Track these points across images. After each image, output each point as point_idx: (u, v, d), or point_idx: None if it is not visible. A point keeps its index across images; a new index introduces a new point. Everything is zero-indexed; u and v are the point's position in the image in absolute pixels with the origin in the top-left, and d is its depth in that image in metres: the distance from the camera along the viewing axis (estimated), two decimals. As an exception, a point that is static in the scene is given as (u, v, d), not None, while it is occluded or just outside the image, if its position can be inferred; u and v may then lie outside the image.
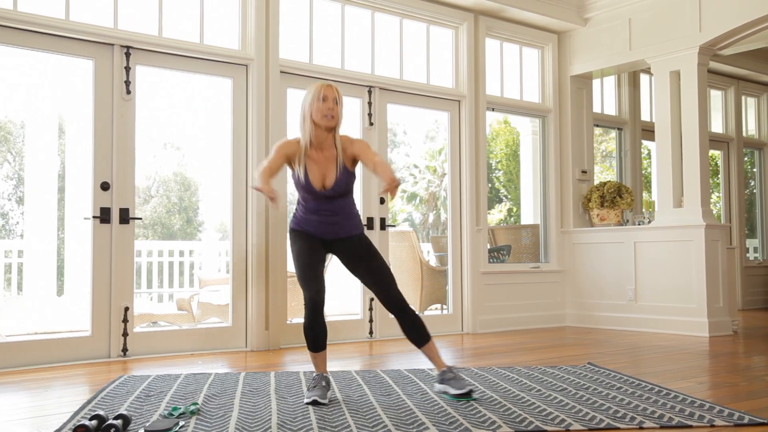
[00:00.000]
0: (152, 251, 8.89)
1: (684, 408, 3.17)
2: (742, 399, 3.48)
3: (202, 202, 19.33)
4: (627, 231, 7.04)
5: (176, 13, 5.42)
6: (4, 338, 5.86)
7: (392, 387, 3.79)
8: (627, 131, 8.33)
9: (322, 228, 3.55)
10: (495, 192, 22.16)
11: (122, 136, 5.07)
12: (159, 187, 20.76)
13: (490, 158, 22.58)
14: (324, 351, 3.55)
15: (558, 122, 7.54)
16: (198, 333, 5.53)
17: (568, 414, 3.08)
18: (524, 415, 3.06)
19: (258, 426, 2.89)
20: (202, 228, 18.60)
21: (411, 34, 6.67)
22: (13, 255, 7.98)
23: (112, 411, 3.19)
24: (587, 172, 7.57)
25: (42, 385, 4.03)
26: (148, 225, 18.95)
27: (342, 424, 2.92)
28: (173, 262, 9.01)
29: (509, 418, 3.01)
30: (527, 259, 7.71)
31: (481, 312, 6.80)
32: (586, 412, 3.10)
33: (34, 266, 7.60)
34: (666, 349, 5.48)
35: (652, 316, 6.75)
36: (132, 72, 5.12)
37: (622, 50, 7.11)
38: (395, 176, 3.22)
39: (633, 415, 3.04)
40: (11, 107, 14.66)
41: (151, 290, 8.73)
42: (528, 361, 4.88)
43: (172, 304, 7.38)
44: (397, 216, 22.20)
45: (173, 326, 6.57)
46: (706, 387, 3.85)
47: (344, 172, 3.51)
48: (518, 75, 7.45)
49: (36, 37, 4.80)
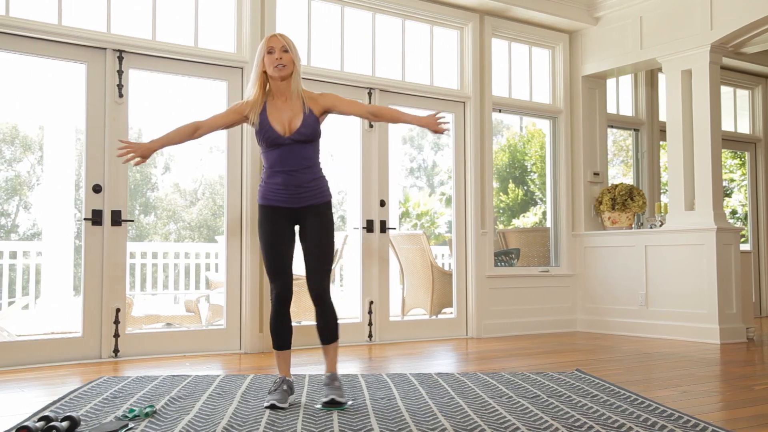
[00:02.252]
0: (168, 253, 8.98)
1: (649, 417, 3.05)
2: (719, 409, 3.35)
3: None
4: (638, 234, 6.87)
5: (170, 17, 5.46)
6: (14, 337, 5.97)
7: (362, 390, 3.74)
8: (644, 132, 8.13)
9: (288, 193, 3.39)
10: (530, 195, 21.92)
11: (115, 138, 5.11)
12: (205, 190, 21.06)
13: (525, 160, 22.37)
14: (289, 351, 3.51)
15: (569, 123, 7.40)
16: (192, 335, 5.55)
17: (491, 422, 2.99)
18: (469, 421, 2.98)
19: (204, 429, 2.87)
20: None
21: (414, 36, 6.62)
22: (32, 256, 8.13)
23: (75, 412, 3.19)
24: (600, 174, 7.41)
25: (20, 385, 4.08)
26: (194, 227, 19.18)
27: (290, 428, 2.88)
28: (189, 264, 9.09)
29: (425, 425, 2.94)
30: (538, 263, 7.58)
31: (486, 316, 6.70)
32: (538, 419, 3.01)
33: (52, 267, 7.75)
34: (669, 356, 5.32)
35: (663, 321, 6.57)
36: (125, 75, 5.17)
37: (633, 49, 6.94)
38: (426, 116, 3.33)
39: (590, 423, 2.93)
40: (30, 112, 14.96)
41: (156, 291, 8.81)
42: (517, 366, 4.78)
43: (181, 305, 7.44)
44: (437, 219, 22.09)
45: (168, 328, 6.61)
46: (688, 396, 3.71)
47: (311, 116, 3.40)
48: (527, 75, 7.33)
49: (29, 41, 4.88)
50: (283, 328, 3.44)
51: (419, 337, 6.46)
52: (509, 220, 20.63)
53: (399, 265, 7.98)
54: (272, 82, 3.42)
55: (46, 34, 4.89)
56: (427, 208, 22.05)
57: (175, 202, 19.62)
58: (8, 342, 5.02)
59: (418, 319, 7.38)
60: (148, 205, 19.12)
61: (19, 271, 8.09)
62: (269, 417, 3.10)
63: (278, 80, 3.39)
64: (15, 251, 8.13)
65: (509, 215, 21.06)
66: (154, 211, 19.36)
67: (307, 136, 3.38)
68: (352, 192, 6.39)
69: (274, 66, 3.35)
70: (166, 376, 4.24)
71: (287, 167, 3.38)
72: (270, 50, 3.37)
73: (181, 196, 19.64)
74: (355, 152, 6.27)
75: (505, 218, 20.25)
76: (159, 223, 19.35)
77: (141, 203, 18.74)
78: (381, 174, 6.25)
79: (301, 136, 3.37)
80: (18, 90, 10.42)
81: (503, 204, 21.36)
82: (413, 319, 7.28)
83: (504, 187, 21.26)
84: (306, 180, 3.41)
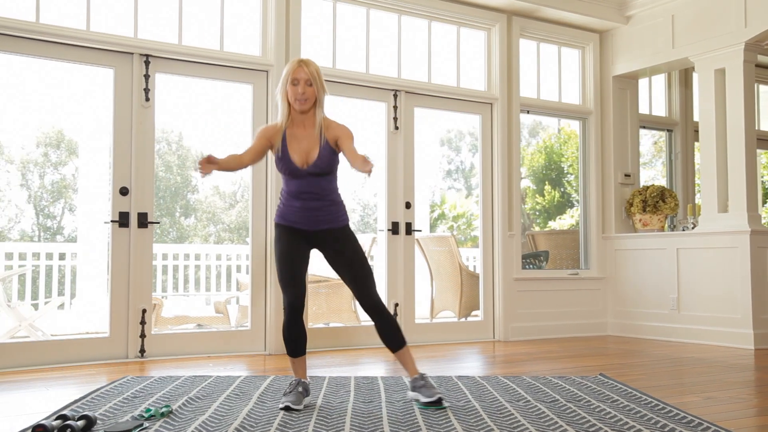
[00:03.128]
0: (200, 254, 9.08)
1: (668, 423, 2.99)
2: (742, 416, 3.27)
3: None
4: (669, 237, 6.75)
5: (196, 21, 5.52)
6: (48, 337, 6.09)
7: (379, 393, 3.73)
8: (678, 133, 7.99)
9: (305, 216, 3.45)
10: (566, 196, 21.71)
11: (141, 142, 5.19)
12: (244, 192, 21.31)
13: (561, 162, 22.17)
14: (303, 357, 3.52)
15: (599, 124, 7.30)
16: (217, 336, 5.60)
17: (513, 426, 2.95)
18: (488, 425, 2.96)
19: (216, 429, 2.89)
20: None
21: (440, 37, 6.59)
22: (68, 257, 8.30)
23: (93, 411, 3.24)
24: (631, 176, 7.30)
25: (46, 384, 4.16)
26: (233, 229, 19.39)
27: (302, 429, 2.89)
28: (221, 266, 9.17)
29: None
30: (567, 266, 7.49)
31: (513, 319, 6.64)
32: (553, 424, 2.97)
33: (88, 268, 7.89)
34: (699, 361, 5.22)
35: (695, 326, 6.44)
36: (151, 80, 5.24)
37: (664, 48, 6.83)
38: (367, 159, 3.18)
39: (606, 429, 2.88)
40: (74, 116, 15.31)
41: (187, 293, 8.91)
42: (541, 370, 4.73)
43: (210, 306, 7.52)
44: (473, 221, 21.97)
45: (194, 329, 6.68)
46: (713, 402, 3.63)
47: (327, 148, 3.42)
48: (557, 76, 7.25)
49: (58, 47, 4.97)
50: (296, 337, 3.45)
51: (445, 339, 6.43)
52: (545, 222, 20.46)
53: (428, 267, 7.96)
54: (293, 111, 3.44)
55: (75, 39, 4.98)
56: (463, 210, 21.98)
57: (215, 204, 19.83)
58: (38, 341, 5.13)
59: (445, 321, 7.34)
60: (189, 207, 19.36)
61: (55, 272, 8.25)
62: (282, 418, 3.11)
63: (299, 112, 3.43)
64: (51, 253, 8.29)
65: (545, 217, 20.88)
66: (195, 213, 19.60)
67: (323, 169, 3.42)
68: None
69: (296, 98, 3.38)
70: (188, 376, 4.28)
71: (305, 195, 3.44)
72: (294, 82, 3.38)
73: (221, 199, 19.86)
74: (381, 154, 6.26)
75: (541, 220, 20.09)
76: (199, 225, 19.60)
77: (182, 205, 18.98)
78: (407, 176, 6.24)
79: (317, 169, 3.41)
80: (62, 94, 10.68)
81: (539, 206, 21.19)
82: (439, 322, 7.25)
83: (540, 189, 21.09)
84: (323, 206, 3.47)
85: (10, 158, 15.45)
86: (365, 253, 3.63)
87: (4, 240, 15.28)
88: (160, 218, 17.89)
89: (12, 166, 15.70)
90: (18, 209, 16.02)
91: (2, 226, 15.88)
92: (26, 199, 16.01)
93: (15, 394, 3.89)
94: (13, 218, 16.09)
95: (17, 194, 15.90)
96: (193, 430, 2.87)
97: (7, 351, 4.77)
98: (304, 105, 3.39)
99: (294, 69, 3.39)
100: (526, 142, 21.26)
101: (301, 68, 3.38)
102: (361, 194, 18.01)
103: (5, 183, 15.83)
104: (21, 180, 15.97)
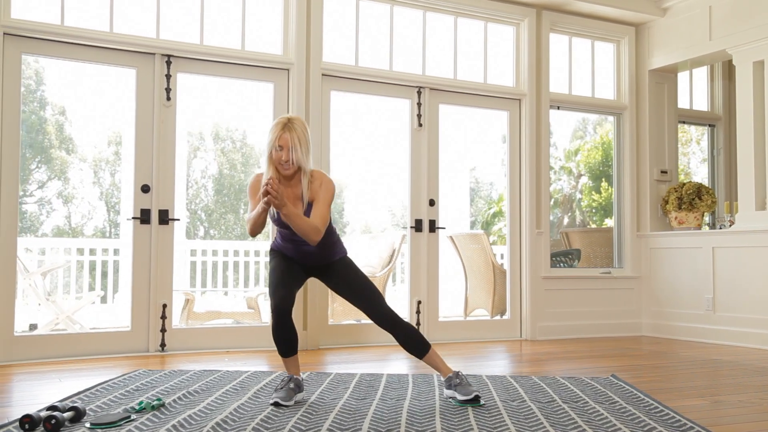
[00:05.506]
0: (238, 251, 9.23)
1: (656, 426, 2.90)
2: (741, 421, 3.15)
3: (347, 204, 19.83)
4: (704, 235, 6.54)
5: (218, 20, 5.60)
6: (86, 330, 6.29)
7: (378, 390, 3.73)
8: (720, 128, 7.73)
9: (300, 255, 3.55)
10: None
11: (163, 140, 5.31)
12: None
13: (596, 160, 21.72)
14: (295, 356, 3.54)
15: (635, 119, 7.12)
16: (237, 331, 5.68)
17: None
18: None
19: (199, 423, 2.94)
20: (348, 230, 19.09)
21: (466, 33, 6.53)
22: (110, 253, 8.54)
23: (96, 402, 3.33)
24: (668, 172, 7.10)
25: (61, 375, 4.29)
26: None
27: (282, 426, 2.91)
28: (259, 262, 9.31)
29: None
30: (601, 264, 7.34)
31: (541, 318, 6.54)
32: (537, 424, 2.92)
33: (126, 263, 8.11)
34: (726, 363, 5.05)
35: (731, 327, 6.23)
36: (173, 79, 5.35)
37: (701, 41, 6.61)
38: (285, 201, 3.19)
39: (589, 431, 2.82)
40: (126, 118, 15.74)
41: (225, 288, 9.06)
42: (558, 370, 4.65)
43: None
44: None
45: (216, 324, 6.79)
46: (718, 406, 3.50)
47: (309, 208, 3.45)
48: (590, 71, 7.10)
49: (82, 49, 5.12)
50: (285, 339, 3.46)
51: (472, 338, 6.38)
52: (602, 219, 20.07)
53: (462, 265, 7.90)
54: (280, 168, 3.42)
55: (98, 41, 5.12)
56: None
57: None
58: (61, 334, 5.29)
59: (471, 320, 7.29)
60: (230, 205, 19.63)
61: (98, 266, 8.50)
62: (268, 413, 3.14)
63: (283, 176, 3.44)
64: (94, 248, 8.55)
65: (602, 215, 20.49)
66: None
67: None
68: (402, 191, 6.34)
69: (279, 163, 3.37)
70: (197, 370, 4.36)
71: (295, 241, 3.51)
72: (280, 147, 3.35)
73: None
74: (404, 151, 6.24)
75: (597, 218, 19.71)
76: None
77: (245, 202, 19.35)
78: (431, 173, 6.21)
79: None
80: (119, 96, 10.99)
81: (595, 203, 20.80)
82: (464, 320, 7.21)
83: (597, 186, 20.69)
84: (316, 250, 3.52)
85: (83, 157, 15.99)
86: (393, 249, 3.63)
87: (77, 236, 15.87)
88: (225, 215, 18.26)
89: (85, 164, 16.24)
90: (90, 206, 16.55)
91: (76, 223, 16.47)
92: (98, 196, 16.54)
93: (28, 384, 4.03)
94: (86, 215, 16.65)
95: (90, 191, 16.44)
96: (175, 424, 2.92)
97: (33, 343, 4.94)
98: (287, 170, 3.40)
99: (280, 134, 3.35)
100: (590, 137, 20.95)
101: (285, 135, 3.34)
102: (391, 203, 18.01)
103: (79, 181, 16.40)
104: (93, 178, 16.51)
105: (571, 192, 22.47)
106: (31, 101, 15.27)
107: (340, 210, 20.96)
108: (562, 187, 23.12)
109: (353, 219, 18.96)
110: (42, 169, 16.29)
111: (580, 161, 21.62)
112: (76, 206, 16.63)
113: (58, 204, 16.54)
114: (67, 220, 16.57)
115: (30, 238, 13.44)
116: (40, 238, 14.57)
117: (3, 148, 4.80)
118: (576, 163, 22.01)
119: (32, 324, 7.20)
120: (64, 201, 16.61)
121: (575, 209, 21.99)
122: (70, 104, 15.77)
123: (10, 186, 4.83)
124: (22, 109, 4.86)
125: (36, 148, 15.58)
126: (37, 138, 15.52)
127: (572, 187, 22.42)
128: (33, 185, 16.17)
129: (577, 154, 21.95)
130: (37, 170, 16.28)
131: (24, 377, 4.26)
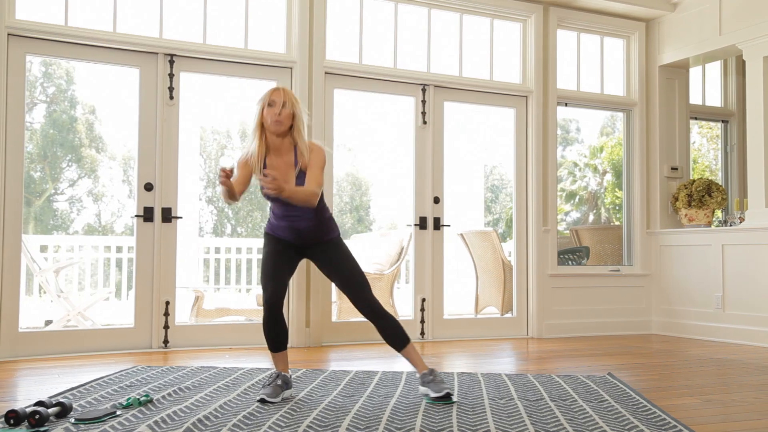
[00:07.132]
0: (252, 248, 9.30)
1: (638, 425, 2.88)
2: (727, 420, 3.12)
3: (373, 201, 19.89)
4: (713, 233, 6.45)
5: (221, 19, 5.64)
6: (98, 326, 6.38)
7: (367, 388, 3.74)
8: (734, 124, 7.62)
9: (292, 234, 3.53)
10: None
11: (166, 139, 5.36)
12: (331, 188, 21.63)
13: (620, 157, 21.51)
14: (284, 352, 3.56)
15: (645, 116, 7.04)
16: (239, 328, 5.73)
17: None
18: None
19: (182, 419, 2.97)
20: (373, 227, 19.14)
21: (472, 30, 6.51)
22: (124, 251, 8.65)
23: (86, 399, 3.38)
24: (678, 169, 7.01)
25: (60, 371, 4.36)
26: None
27: (263, 422, 2.93)
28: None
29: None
30: (611, 261, 7.28)
31: (547, 316, 6.51)
32: (519, 422, 2.91)
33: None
34: (731, 362, 4.98)
35: (740, 326, 6.14)
36: (176, 78, 5.40)
37: (711, 36, 6.52)
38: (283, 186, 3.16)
39: (568, 429, 2.81)
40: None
41: (224, 285, 9.12)
42: (558, 368, 4.63)
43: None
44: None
45: (221, 321, 6.84)
46: (709, 405, 3.46)
47: (302, 175, 3.44)
48: (598, 67, 7.04)
49: (85, 49, 5.19)
50: (275, 334, 3.48)
51: (477, 336, 6.36)
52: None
53: (473, 262, 7.88)
54: (269, 136, 3.42)
55: (101, 41, 5.18)
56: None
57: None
58: (66, 330, 5.39)
59: (478, 317, 7.27)
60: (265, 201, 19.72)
61: (113, 264, 8.62)
62: (252, 410, 3.16)
63: (275, 135, 3.42)
64: (109, 246, 8.66)
65: (625, 212, 20.26)
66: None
67: None
68: (407, 188, 6.35)
69: (273, 120, 3.36)
70: (195, 367, 4.40)
71: (290, 217, 3.48)
72: (271, 103, 3.37)
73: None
74: (408, 148, 6.24)
75: (621, 215, 19.55)
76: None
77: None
78: (435, 170, 6.20)
79: None
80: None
81: (619, 200, 20.59)
82: (470, 318, 7.19)
83: (620, 183, 20.47)
84: (310, 226, 3.51)
85: (112, 155, 16.19)
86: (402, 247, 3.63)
87: (107, 233, 16.09)
88: (252, 212, 18.35)
89: (114, 162, 16.44)
90: (120, 203, 16.75)
91: (106, 220, 16.69)
92: (127, 194, 16.74)
93: (26, 381, 4.10)
94: (116, 212, 16.85)
95: (119, 189, 16.64)
96: (158, 420, 2.96)
97: (37, 339, 5.03)
98: (279, 126, 3.36)
99: (271, 91, 3.41)
100: (619, 133, 20.67)
101: (278, 91, 3.40)
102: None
103: (108, 179, 16.60)
104: (123, 176, 16.71)
105: (597, 189, 22.30)
106: (62, 101, 15.50)
107: (367, 207, 20.99)
108: (587, 184, 22.95)
109: (379, 216, 19.01)
110: (73, 167, 16.51)
111: (605, 158, 21.44)
112: (105, 204, 16.83)
113: (89, 202, 16.75)
114: (97, 218, 16.78)
115: (61, 235, 13.68)
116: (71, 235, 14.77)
117: (8, 148, 4.88)
118: (601, 160, 21.84)
119: (47, 320, 7.33)
120: (94, 199, 16.81)
121: (600, 206, 21.81)
122: (99, 103, 15.97)
123: (14, 184, 4.91)
124: (53, 108, 4.94)
125: (67, 146, 15.79)
126: (68, 137, 15.74)
127: (598, 184, 22.25)
128: (64, 183, 16.41)
129: (602, 151, 21.78)
130: (68, 168, 16.51)
131: (25, 373, 4.34)
